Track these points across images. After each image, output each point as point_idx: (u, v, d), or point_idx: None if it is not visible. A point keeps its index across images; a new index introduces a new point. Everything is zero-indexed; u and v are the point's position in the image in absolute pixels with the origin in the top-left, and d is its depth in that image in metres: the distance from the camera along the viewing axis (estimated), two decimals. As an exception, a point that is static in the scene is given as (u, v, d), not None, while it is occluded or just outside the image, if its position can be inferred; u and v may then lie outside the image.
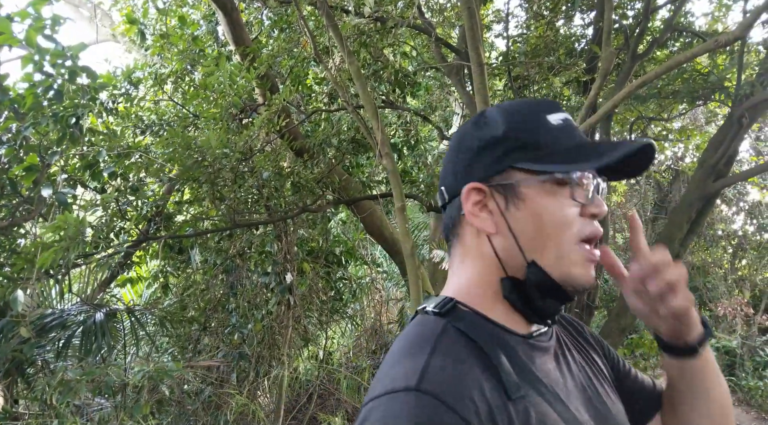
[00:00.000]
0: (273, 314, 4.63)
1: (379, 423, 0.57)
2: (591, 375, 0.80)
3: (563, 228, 0.70)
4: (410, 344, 0.68)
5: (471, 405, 0.58)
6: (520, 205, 0.72)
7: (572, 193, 0.71)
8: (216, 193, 3.38)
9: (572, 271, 0.70)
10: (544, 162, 0.71)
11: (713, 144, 3.97)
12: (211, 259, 4.76)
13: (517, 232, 0.71)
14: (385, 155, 3.38)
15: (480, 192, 0.74)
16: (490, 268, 0.74)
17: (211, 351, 4.54)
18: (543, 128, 0.73)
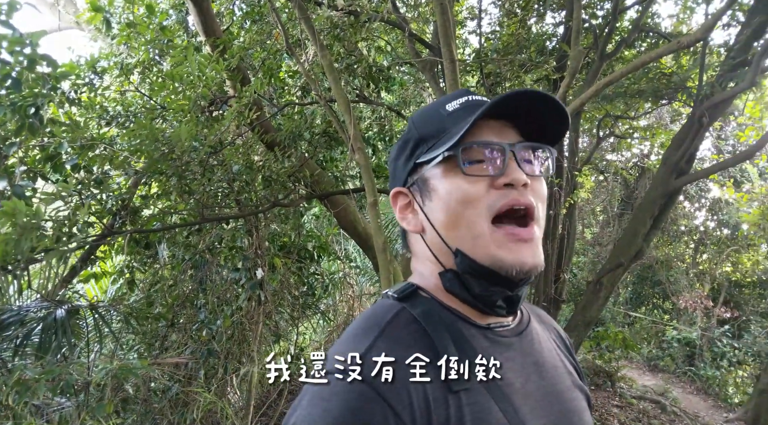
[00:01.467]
0: (243, 310, 4.57)
1: (311, 405, 0.58)
2: (562, 385, 0.74)
3: (467, 206, 0.68)
4: (361, 324, 0.68)
5: (405, 397, 0.57)
6: (432, 196, 0.72)
7: (465, 169, 0.68)
8: (184, 186, 3.31)
9: (495, 253, 0.66)
10: (437, 149, 0.71)
11: (675, 142, 4.08)
12: (180, 254, 4.66)
13: (436, 223, 0.71)
14: (357, 149, 3.37)
15: (403, 195, 0.77)
16: (433, 263, 0.74)
17: (179, 348, 4.45)
18: (437, 118, 0.74)
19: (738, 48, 4.11)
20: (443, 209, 0.70)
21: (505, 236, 0.66)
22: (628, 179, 9.51)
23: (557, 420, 0.69)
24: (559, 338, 0.86)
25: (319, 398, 0.58)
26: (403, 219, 0.76)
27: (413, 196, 0.75)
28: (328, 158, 5.26)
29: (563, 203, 4.40)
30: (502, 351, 0.69)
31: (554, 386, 0.73)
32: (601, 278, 4.15)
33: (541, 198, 0.70)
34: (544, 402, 0.69)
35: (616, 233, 9.62)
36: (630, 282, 11.24)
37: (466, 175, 0.68)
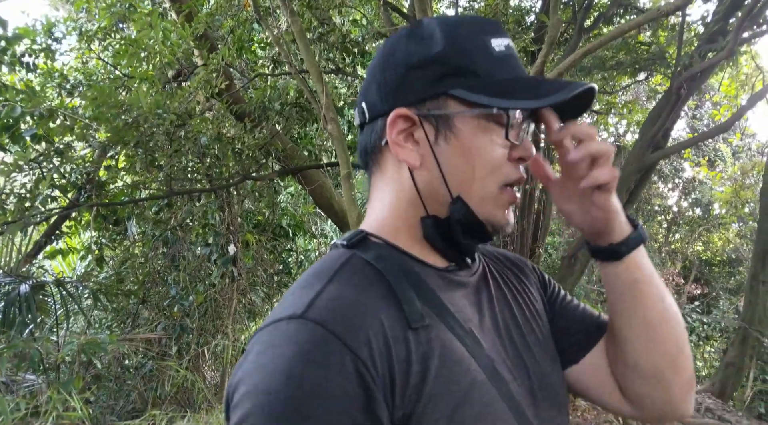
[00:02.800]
0: (216, 286, 4.50)
1: (259, 355, 0.53)
2: (520, 315, 0.74)
3: (492, 170, 0.64)
4: (309, 275, 0.62)
5: (362, 336, 0.53)
6: (450, 139, 0.64)
7: (508, 132, 0.63)
8: (150, 158, 3.20)
9: (494, 213, 0.66)
10: (481, 93, 0.62)
11: (652, 117, 4.07)
12: (150, 231, 4.56)
13: (445, 167, 0.65)
14: (329, 120, 3.29)
15: (408, 120, 0.65)
16: (410, 204, 0.67)
17: (151, 325, 4.37)
18: (484, 53, 0.64)
19: (716, 20, 4.11)
20: (464, 160, 0.64)
21: (506, 199, 0.67)
22: (604, 158, 9.54)
23: (516, 352, 0.69)
24: (517, 268, 0.84)
25: (267, 346, 0.53)
26: (399, 146, 0.66)
27: (423, 126, 0.65)
28: (302, 135, 5.16)
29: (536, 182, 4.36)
30: (458, 289, 0.68)
31: (513, 319, 0.73)
32: (576, 252, 4.16)
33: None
34: (502, 335, 0.69)
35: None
36: (605, 260, 11.39)
37: (507, 140, 0.64)
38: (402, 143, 0.66)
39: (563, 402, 0.72)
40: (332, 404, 0.49)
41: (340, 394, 0.49)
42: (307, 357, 0.50)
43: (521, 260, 0.87)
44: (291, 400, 0.48)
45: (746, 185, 7.55)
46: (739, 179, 7.61)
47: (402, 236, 0.68)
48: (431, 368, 0.56)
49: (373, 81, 0.69)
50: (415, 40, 0.67)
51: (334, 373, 0.50)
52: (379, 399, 0.51)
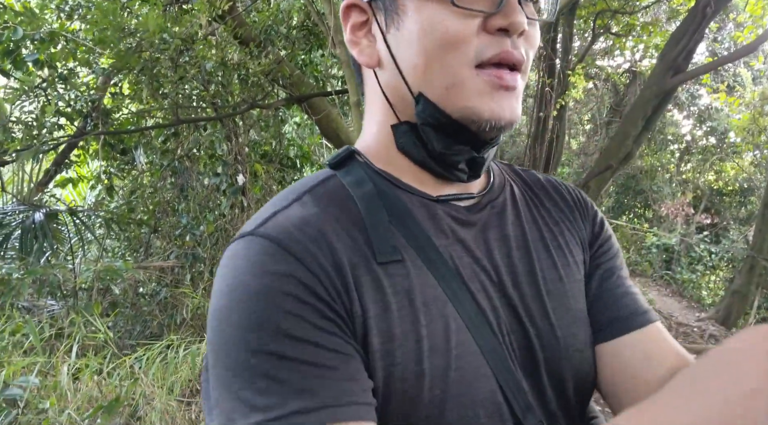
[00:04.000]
0: (226, 216, 4.53)
1: (218, 276, 0.50)
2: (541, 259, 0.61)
3: (449, 49, 0.52)
4: (285, 191, 0.57)
5: (314, 249, 0.49)
6: (401, 24, 0.54)
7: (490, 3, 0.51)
8: (155, 85, 3.12)
9: (471, 102, 0.52)
10: None
11: (675, 37, 3.88)
12: (158, 160, 4.53)
13: (399, 59, 0.55)
14: (338, 43, 3.17)
15: (360, 11, 0.57)
16: (383, 114, 0.59)
17: (164, 254, 4.45)
18: None
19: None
20: (415, 46, 0.53)
21: (487, 81, 0.52)
22: (618, 86, 9.28)
23: (521, 302, 0.57)
24: (565, 203, 0.68)
25: (224, 265, 0.50)
26: (354, 44, 0.58)
27: (374, 15, 0.56)
28: (308, 61, 4.99)
29: (554, 104, 4.25)
30: (454, 221, 0.58)
31: (527, 264, 0.59)
32: (588, 181, 4.11)
33: (533, 47, 0.57)
34: (504, 280, 0.57)
35: (603, 141, 9.56)
36: (613, 192, 11.36)
37: (455, 6, 0.51)
38: (358, 39, 0.58)
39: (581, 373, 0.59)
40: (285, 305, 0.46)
41: (295, 299, 0.46)
42: (256, 269, 0.47)
43: (580, 199, 0.70)
44: (242, 314, 0.46)
45: (765, 111, 7.34)
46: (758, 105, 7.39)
47: (389, 156, 0.59)
48: (393, 306, 0.50)
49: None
50: None
51: (286, 283, 0.46)
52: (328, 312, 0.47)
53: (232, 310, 0.46)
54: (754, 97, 7.46)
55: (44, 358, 2.19)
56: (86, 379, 2.10)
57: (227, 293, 0.48)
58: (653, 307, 4.99)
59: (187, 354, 2.45)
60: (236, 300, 0.47)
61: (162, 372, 2.31)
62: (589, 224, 0.67)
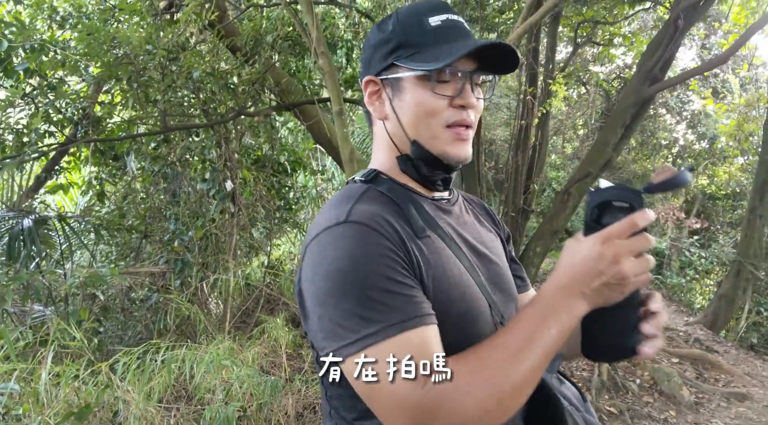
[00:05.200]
0: (216, 222, 4.59)
1: (318, 254, 0.77)
2: (486, 240, 0.99)
3: (431, 116, 0.87)
4: (337, 199, 0.86)
5: (389, 229, 0.78)
6: (401, 95, 0.89)
7: (433, 87, 0.85)
8: (143, 94, 3.19)
9: (445, 149, 0.88)
10: (415, 61, 0.86)
11: (650, 49, 3.96)
12: (149, 166, 4.60)
13: (401, 117, 0.90)
14: (321, 54, 3.23)
15: (375, 84, 0.92)
16: (388, 149, 0.94)
17: (154, 259, 4.50)
18: (420, 29, 0.87)
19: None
20: (409, 111, 0.88)
21: (453, 136, 0.88)
22: (609, 91, 9.38)
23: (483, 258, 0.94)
24: (483, 209, 1.12)
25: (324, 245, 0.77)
26: (370, 105, 0.93)
27: (384, 87, 0.91)
28: (300, 68, 5.06)
29: (536, 112, 4.33)
30: (444, 214, 0.94)
31: (481, 237, 0.99)
32: (569, 188, 4.19)
33: (479, 112, 0.92)
34: (475, 247, 0.95)
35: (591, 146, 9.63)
36: (607, 196, 11.38)
37: (435, 93, 0.86)
38: (373, 101, 0.93)
39: (514, 296, 0.98)
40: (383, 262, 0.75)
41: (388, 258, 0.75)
42: (358, 242, 0.75)
43: (488, 208, 1.15)
44: (357, 271, 0.73)
45: (751, 117, 7.42)
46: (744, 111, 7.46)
47: (398, 174, 0.93)
48: (432, 262, 0.81)
49: (362, 61, 0.97)
50: (380, 29, 0.92)
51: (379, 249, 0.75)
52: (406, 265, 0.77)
53: (348, 269, 0.74)
54: (742, 102, 7.54)
55: (26, 364, 2.24)
56: (63, 386, 2.15)
57: (339, 259, 0.75)
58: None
59: (167, 359, 2.50)
60: (351, 262, 0.74)
61: (139, 378, 2.37)
62: (502, 227, 1.12)
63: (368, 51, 0.94)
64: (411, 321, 0.73)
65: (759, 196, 5.56)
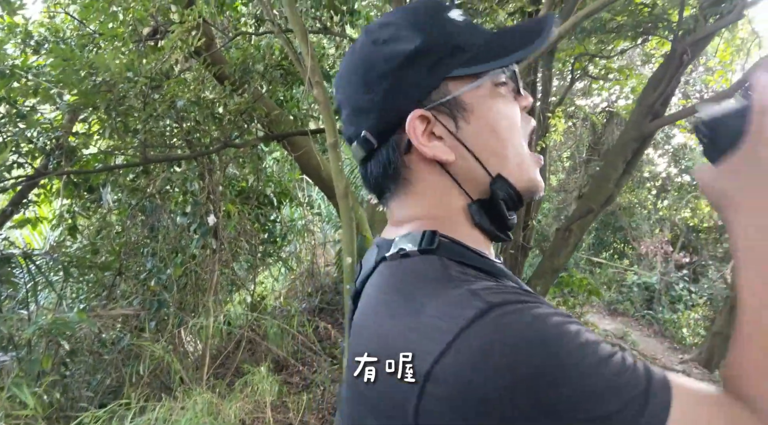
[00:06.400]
0: (197, 258, 4.32)
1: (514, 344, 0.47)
2: None
3: (515, 130, 0.66)
4: (430, 288, 0.54)
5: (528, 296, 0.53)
6: (469, 118, 0.64)
7: (514, 88, 0.67)
8: (120, 124, 2.97)
9: (532, 175, 0.67)
10: (476, 63, 0.63)
11: (652, 83, 3.90)
12: (126, 198, 4.33)
13: (476, 149, 0.64)
14: (315, 83, 3.06)
15: (423, 119, 0.63)
16: (450, 198, 0.66)
17: (129, 298, 4.21)
18: (455, 28, 0.64)
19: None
20: (489, 132, 0.64)
21: (534, 161, 0.68)
22: (596, 125, 9.42)
23: None
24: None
25: (491, 336, 0.48)
26: (426, 148, 0.63)
27: (438, 119, 0.63)
28: (289, 97, 4.90)
29: (535, 146, 4.21)
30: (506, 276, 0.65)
31: None
32: (570, 224, 4.04)
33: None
34: None
35: (582, 179, 9.62)
36: (593, 228, 11.40)
37: (514, 96, 0.67)
38: (427, 143, 0.63)
39: None
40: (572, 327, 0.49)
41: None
42: (536, 321, 0.49)
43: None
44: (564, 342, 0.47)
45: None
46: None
47: (459, 232, 0.65)
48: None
49: (362, 106, 0.66)
50: (385, 46, 0.64)
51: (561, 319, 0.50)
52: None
53: (557, 352, 0.47)
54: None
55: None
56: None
57: (542, 344, 0.47)
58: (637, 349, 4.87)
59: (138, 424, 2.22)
60: (554, 343, 0.47)
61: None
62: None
63: (387, 80, 0.63)
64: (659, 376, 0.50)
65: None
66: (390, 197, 0.69)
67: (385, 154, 0.66)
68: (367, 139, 0.66)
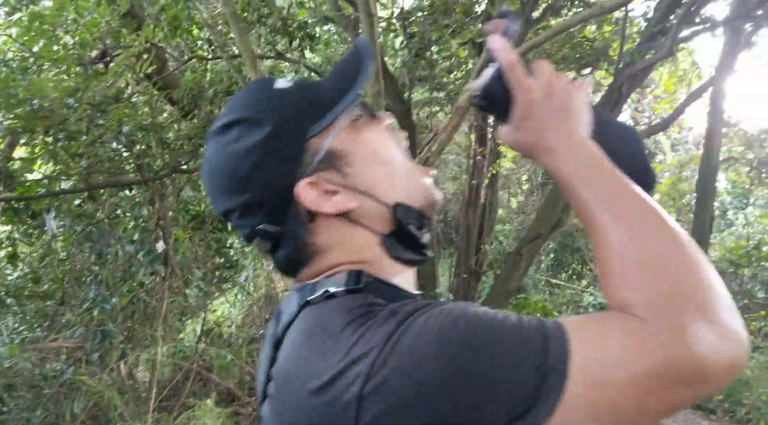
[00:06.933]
0: (146, 285, 4.19)
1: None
2: None
3: (392, 150, 0.69)
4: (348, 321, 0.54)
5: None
6: (349, 161, 0.65)
7: (370, 115, 0.68)
8: (61, 149, 2.89)
9: (425, 187, 0.69)
10: (326, 113, 0.65)
11: (597, 112, 4.03)
12: (70, 225, 4.18)
13: (368, 186, 0.65)
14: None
15: (310, 185, 0.63)
16: (364, 241, 0.66)
17: (72, 328, 4.03)
18: (289, 95, 0.66)
19: (657, 18, 4.10)
20: (374, 164, 0.66)
21: (425, 171, 0.70)
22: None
23: None
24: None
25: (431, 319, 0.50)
26: (324, 207, 0.63)
27: (323, 177, 0.64)
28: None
29: (486, 172, 4.30)
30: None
31: None
32: (521, 249, 4.12)
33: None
34: None
35: (539, 201, 9.85)
36: (552, 250, 11.62)
37: (377, 119, 0.69)
38: (325, 203, 0.64)
39: None
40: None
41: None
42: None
43: None
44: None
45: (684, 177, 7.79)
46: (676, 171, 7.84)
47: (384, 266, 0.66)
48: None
49: (246, 205, 0.64)
50: (237, 144, 0.63)
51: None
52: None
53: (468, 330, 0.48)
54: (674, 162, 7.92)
55: None
56: None
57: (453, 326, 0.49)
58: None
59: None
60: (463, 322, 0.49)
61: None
62: None
63: (259, 171, 0.62)
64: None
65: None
66: (306, 270, 0.68)
67: (291, 233, 0.65)
68: (266, 230, 0.65)
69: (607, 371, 0.46)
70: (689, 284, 0.49)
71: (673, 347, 0.46)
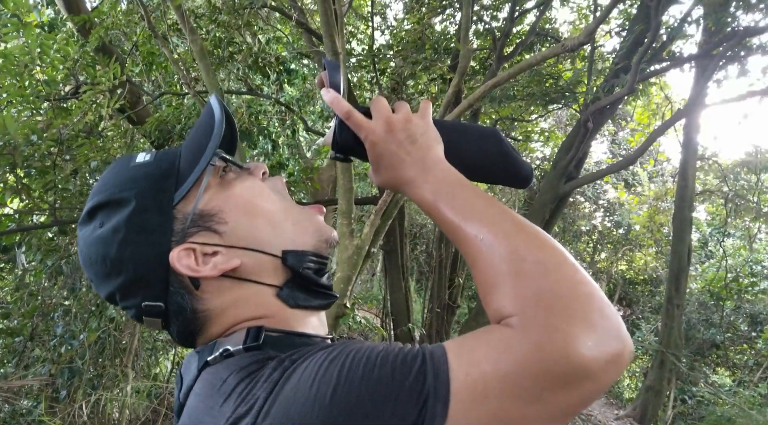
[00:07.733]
0: (116, 320, 4.13)
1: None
2: None
3: (268, 198, 0.67)
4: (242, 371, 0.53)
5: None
6: (222, 219, 0.63)
7: (236, 169, 0.67)
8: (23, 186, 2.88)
9: (315, 227, 0.68)
10: (187, 176, 0.63)
11: (564, 147, 4.12)
12: (40, 259, 4.13)
13: (249, 240, 0.63)
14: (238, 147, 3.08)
15: (185, 252, 0.61)
16: (259, 297, 0.64)
17: (43, 363, 3.94)
18: (148, 168, 0.63)
19: (621, 54, 4.22)
20: (249, 216, 0.64)
21: (314, 210, 0.70)
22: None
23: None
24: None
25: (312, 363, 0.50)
26: (207, 271, 0.61)
27: (198, 241, 0.62)
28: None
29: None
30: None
31: None
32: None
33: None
34: None
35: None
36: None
37: (242, 169, 0.67)
38: (205, 267, 0.61)
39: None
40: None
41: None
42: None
43: None
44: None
45: (661, 209, 7.88)
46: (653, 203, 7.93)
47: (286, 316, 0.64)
48: None
49: (125, 287, 0.62)
50: (103, 228, 0.61)
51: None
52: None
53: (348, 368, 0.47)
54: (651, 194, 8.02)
55: None
56: None
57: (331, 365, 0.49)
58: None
59: None
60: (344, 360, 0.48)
61: None
62: None
63: (126, 250, 0.60)
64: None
65: (674, 286, 5.73)
66: (201, 339, 0.65)
67: (176, 305, 0.63)
68: (151, 306, 0.62)
69: (485, 384, 0.45)
70: (556, 284, 0.49)
71: (545, 348, 0.45)
